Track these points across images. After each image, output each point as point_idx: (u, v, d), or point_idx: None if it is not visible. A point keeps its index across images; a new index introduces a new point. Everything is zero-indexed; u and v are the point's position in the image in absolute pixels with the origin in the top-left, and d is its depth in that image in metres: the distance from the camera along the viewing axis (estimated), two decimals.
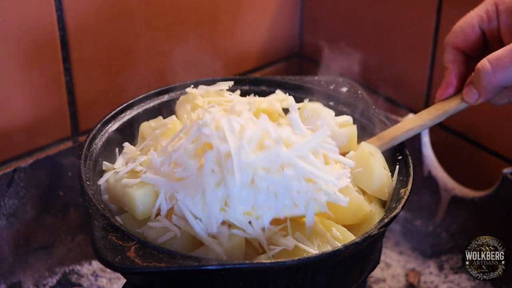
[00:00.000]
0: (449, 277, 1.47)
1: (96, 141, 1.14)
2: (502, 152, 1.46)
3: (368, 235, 0.96)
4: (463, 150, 1.52)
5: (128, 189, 1.03)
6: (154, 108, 1.23)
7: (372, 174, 1.08)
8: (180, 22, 1.49)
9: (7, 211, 1.34)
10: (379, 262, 1.11)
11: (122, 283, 1.09)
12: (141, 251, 0.92)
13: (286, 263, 0.93)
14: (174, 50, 1.50)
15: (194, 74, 1.45)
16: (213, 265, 0.90)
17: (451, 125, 1.54)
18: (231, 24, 1.59)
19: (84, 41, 1.36)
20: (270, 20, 1.67)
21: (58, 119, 1.39)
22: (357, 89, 1.29)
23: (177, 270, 0.91)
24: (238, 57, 1.63)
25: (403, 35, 1.56)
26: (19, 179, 1.34)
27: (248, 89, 1.27)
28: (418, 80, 1.57)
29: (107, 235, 0.94)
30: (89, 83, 1.40)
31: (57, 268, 1.44)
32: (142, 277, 0.99)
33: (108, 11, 1.37)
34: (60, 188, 1.41)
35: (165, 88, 1.26)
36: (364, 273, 1.08)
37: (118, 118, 1.19)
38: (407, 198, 1.03)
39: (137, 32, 1.43)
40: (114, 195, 1.06)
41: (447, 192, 1.49)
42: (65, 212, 1.43)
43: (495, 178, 1.41)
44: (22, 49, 1.29)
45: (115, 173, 1.08)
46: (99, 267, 1.46)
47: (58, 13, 1.31)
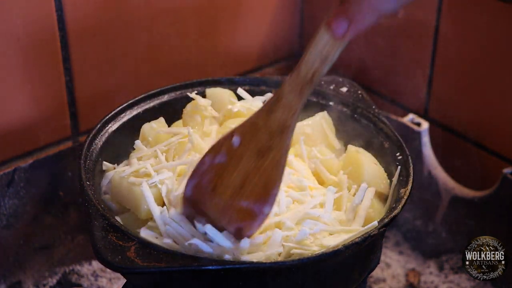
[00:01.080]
0: (449, 277, 1.47)
1: (96, 141, 1.14)
2: (502, 152, 1.46)
3: (368, 235, 0.96)
4: (463, 150, 1.52)
5: (134, 188, 1.03)
6: (154, 108, 1.23)
7: (363, 167, 1.10)
8: (180, 22, 1.49)
9: (7, 211, 1.34)
10: (379, 262, 1.11)
11: (122, 283, 1.09)
12: (141, 251, 0.92)
13: (286, 263, 0.93)
14: (174, 50, 1.50)
15: (194, 74, 1.46)
16: (213, 265, 0.90)
17: (451, 125, 1.54)
18: (231, 24, 1.59)
19: (84, 41, 1.36)
20: (270, 20, 1.67)
21: (58, 119, 1.39)
22: (357, 89, 1.29)
23: (177, 270, 0.91)
24: (238, 57, 1.63)
25: (403, 35, 1.56)
26: (19, 179, 1.34)
27: (248, 89, 1.27)
28: (418, 80, 1.57)
29: (107, 235, 0.94)
30: (89, 83, 1.40)
31: (57, 268, 1.44)
32: (142, 277, 0.99)
33: (108, 11, 1.37)
34: (60, 188, 1.41)
35: (165, 88, 1.26)
36: (364, 273, 1.08)
37: (118, 118, 1.19)
38: (407, 198, 1.03)
39: (137, 32, 1.43)
40: (118, 192, 1.06)
41: (447, 192, 1.49)
42: (65, 212, 1.43)
43: (495, 178, 1.41)
44: (22, 49, 1.29)
45: (121, 171, 1.08)
46: (99, 267, 1.46)
47: (58, 13, 1.31)
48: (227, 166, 0.95)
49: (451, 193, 1.49)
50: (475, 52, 1.45)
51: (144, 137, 1.17)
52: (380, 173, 1.12)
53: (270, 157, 0.93)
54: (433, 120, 1.55)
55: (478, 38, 1.42)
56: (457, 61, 1.49)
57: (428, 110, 1.57)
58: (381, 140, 1.17)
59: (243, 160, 0.94)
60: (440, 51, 1.51)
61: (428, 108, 1.57)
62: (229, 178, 0.95)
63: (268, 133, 0.92)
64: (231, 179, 0.95)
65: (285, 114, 0.91)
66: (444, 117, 1.55)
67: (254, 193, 0.94)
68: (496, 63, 1.42)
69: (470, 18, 1.43)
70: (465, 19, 1.44)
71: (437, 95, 1.55)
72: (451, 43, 1.48)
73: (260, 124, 0.93)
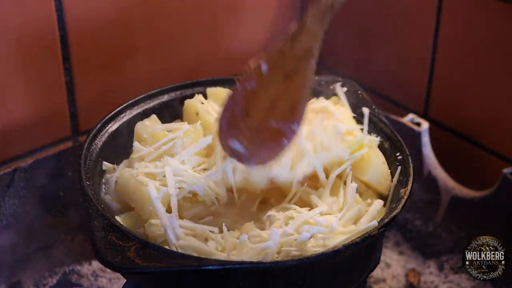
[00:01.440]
0: (449, 277, 1.47)
1: (96, 141, 1.14)
2: (502, 152, 1.46)
3: (368, 235, 0.96)
4: (463, 150, 1.52)
5: (142, 187, 1.02)
6: (154, 108, 1.23)
7: (370, 164, 1.10)
8: (180, 22, 1.49)
9: (7, 211, 1.34)
10: (379, 262, 1.11)
11: (122, 283, 1.09)
12: (141, 251, 0.92)
13: (286, 263, 0.93)
14: (174, 50, 1.50)
15: (194, 74, 1.46)
16: (213, 265, 0.90)
17: (451, 125, 1.54)
18: (231, 24, 1.58)
19: (84, 41, 1.36)
20: (270, 20, 1.66)
21: (58, 119, 1.39)
22: (357, 89, 1.29)
23: (177, 270, 0.91)
24: (238, 57, 1.63)
25: (403, 35, 1.56)
26: (19, 179, 1.34)
27: None
28: (418, 80, 1.57)
29: (107, 235, 0.94)
30: (89, 83, 1.40)
31: (57, 268, 1.44)
32: (142, 277, 0.99)
33: (108, 11, 1.37)
34: (60, 188, 1.41)
35: (165, 88, 1.26)
36: (364, 273, 1.08)
37: (118, 118, 1.19)
38: (407, 198, 1.03)
39: (137, 32, 1.43)
40: (123, 189, 1.06)
41: (447, 192, 1.49)
42: (65, 212, 1.43)
43: (495, 178, 1.40)
44: (22, 49, 1.29)
45: (130, 168, 1.08)
46: (99, 267, 1.46)
47: (58, 13, 1.31)
48: (258, 92, 1.02)
49: (451, 193, 1.49)
50: (475, 52, 1.44)
51: (139, 135, 1.17)
52: (385, 174, 1.11)
53: (297, 79, 1.01)
54: (433, 120, 1.55)
55: (478, 38, 1.42)
56: (457, 61, 1.49)
57: (428, 110, 1.57)
58: (381, 140, 1.17)
59: (272, 84, 1.02)
60: (440, 51, 1.51)
61: (428, 108, 1.57)
62: (260, 102, 1.02)
63: (293, 58, 1.00)
64: (262, 102, 1.02)
65: (309, 40, 1.00)
66: (444, 117, 1.55)
67: (284, 112, 1.01)
68: (496, 63, 1.42)
69: (470, 18, 1.43)
70: (465, 19, 1.44)
71: (437, 95, 1.55)
72: (451, 43, 1.48)
73: (286, 51, 1.01)
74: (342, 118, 1.15)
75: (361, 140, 1.11)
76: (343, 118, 1.16)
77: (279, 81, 1.01)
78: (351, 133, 1.12)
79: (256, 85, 1.02)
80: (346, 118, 1.17)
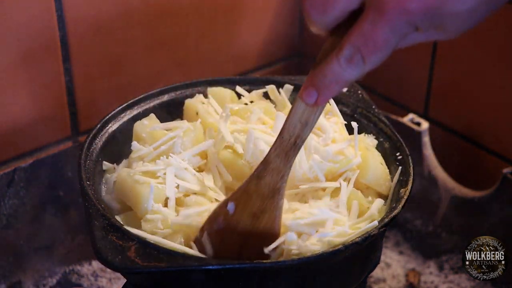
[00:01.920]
0: (449, 277, 1.47)
1: (96, 141, 1.14)
2: (502, 152, 1.46)
3: (368, 235, 0.96)
4: (463, 150, 1.52)
5: (137, 185, 1.03)
6: (154, 108, 1.23)
7: (368, 166, 1.09)
8: (180, 22, 1.49)
9: (7, 211, 1.34)
10: (379, 262, 1.11)
11: (122, 283, 1.09)
12: (141, 251, 0.92)
13: (286, 263, 0.93)
14: (174, 50, 1.50)
15: (194, 74, 1.46)
16: (213, 265, 0.90)
17: (451, 125, 1.54)
18: (231, 24, 1.59)
19: (84, 41, 1.36)
20: (270, 20, 1.66)
21: (58, 119, 1.39)
22: (357, 89, 1.29)
23: (177, 270, 0.91)
24: (238, 57, 1.63)
25: None
26: (19, 179, 1.34)
27: (248, 89, 1.27)
28: (418, 80, 1.57)
29: (107, 235, 0.94)
30: (89, 83, 1.40)
31: (57, 268, 1.44)
32: (142, 277, 0.99)
33: (108, 11, 1.37)
34: (60, 188, 1.41)
35: (165, 88, 1.26)
36: (364, 273, 1.08)
37: (118, 118, 1.19)
38: (407, 198, 1.03)
39: (137, 32, 1.43)
40: (122, 189, 1.06)
41: (447, 192, 1.49)
42: (65, 212, 1.43)
43: (495, 178, 1.41)
44: (22, 49, 1.29)
45: (129, 168, 1.08)
46: (99, 267, 1.46)
47: (58, 13, 1.31)
48: (226, 232, 0.99)
49: (451, 193, 1.49)
50: (475, 52, 1.44)
51: (138, 135, 1.16)
52: (384, 174, 1.11)
53: (265, 218, 0.98)
54: (433, 120, 1.55)
55: (478, 38, 1.42)
56: (457, 61, 1.49)
57: (428, 110, 1.57)
58: (381, 140, 1.17)
59: (240, 224, 0.99)
60: (440, 51, 1.51)
61: (428, 108, 1.57)
62: (229, 242, 0.99)
63: (260, 198, 0.97)
64: (231, 242, 0.99)
65: (274, 178, 0.96)
66: (444, 117, 1.55)
67: (255, 252, 0.98)
68: (496, 63, 1.42)
69: None
70: None
71: (437, 95, 1.55)
72: (451, 43, 1.48)
73: (251, 190, 0.97)
74: (333, 131, 1.13)
75: (350, 160, 1.09)
76: (334, 130, 1.13)
77: (247, 221, 0.98)
78: (342, 153, 1.10)
79: (223, 225, 0.98)
80: (338, 128, 1.14)
